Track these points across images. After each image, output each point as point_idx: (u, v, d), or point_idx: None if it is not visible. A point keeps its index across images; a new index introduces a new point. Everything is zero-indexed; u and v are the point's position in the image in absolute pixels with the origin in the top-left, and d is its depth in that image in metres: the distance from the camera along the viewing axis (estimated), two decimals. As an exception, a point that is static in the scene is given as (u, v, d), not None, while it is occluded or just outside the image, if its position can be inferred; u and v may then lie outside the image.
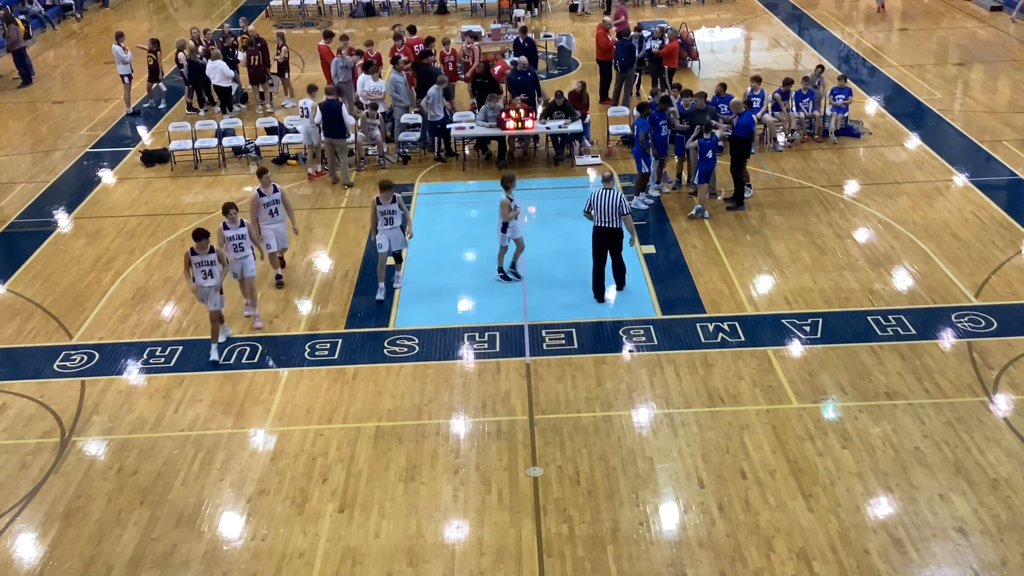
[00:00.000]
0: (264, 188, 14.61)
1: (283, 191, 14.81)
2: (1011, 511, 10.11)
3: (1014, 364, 12.58)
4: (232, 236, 13.48)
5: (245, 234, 13.55)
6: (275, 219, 14.72)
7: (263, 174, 14.73)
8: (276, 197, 14.68)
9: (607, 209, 13.89)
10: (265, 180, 14.61)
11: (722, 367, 12.73)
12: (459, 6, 32.54)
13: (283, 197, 14.77)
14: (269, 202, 14.62)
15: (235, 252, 13.52)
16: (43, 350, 13.77)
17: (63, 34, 31.66)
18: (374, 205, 14.29)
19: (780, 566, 9.54)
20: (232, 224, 13.50)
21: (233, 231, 13.50)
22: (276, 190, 14.69)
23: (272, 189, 14.65)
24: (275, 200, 14.66)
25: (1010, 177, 18.23)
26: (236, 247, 13.52)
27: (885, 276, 14.81)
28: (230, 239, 13.46)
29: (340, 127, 18.31)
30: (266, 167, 14.91)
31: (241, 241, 13.54)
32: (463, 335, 13.67)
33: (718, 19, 31.05)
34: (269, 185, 14.63)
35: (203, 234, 12.72)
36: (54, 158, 20.86)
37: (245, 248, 13.60)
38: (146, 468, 11.28)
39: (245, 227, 13.58)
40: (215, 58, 21.96)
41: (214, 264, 12.86)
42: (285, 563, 9.83)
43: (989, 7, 30.03)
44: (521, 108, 18.80)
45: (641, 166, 17.17)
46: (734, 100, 17.60)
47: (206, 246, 12.78)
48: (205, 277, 12.90)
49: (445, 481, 10.86)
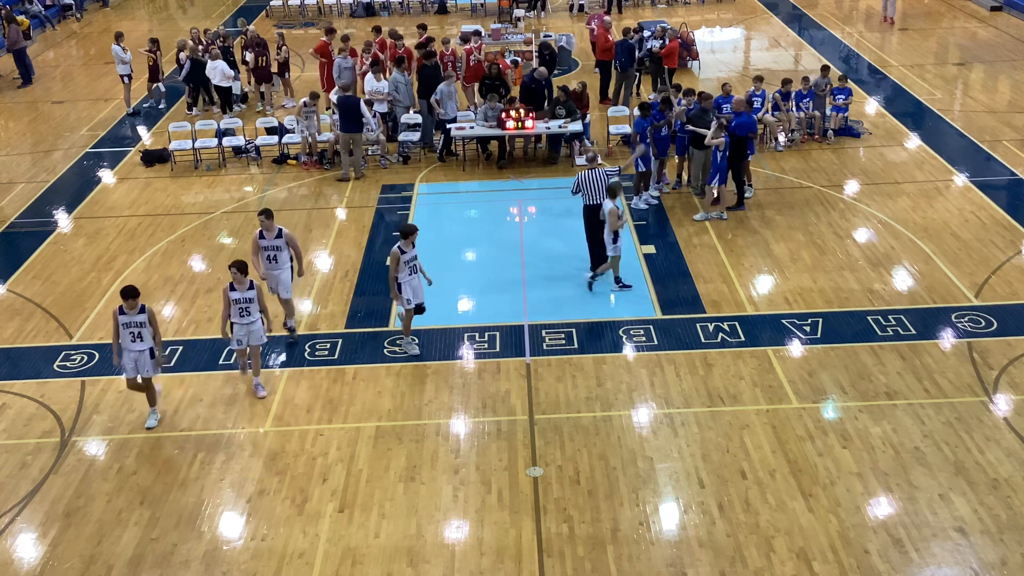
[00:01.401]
0: (267, 231, 13.07)
1: (288, 234, 13.20)
2: (1011, 511, 10.11)
3: (1014, 364, 12.58)
4: (239, 299, 11.89)
5: (254, 297, 11.93)
6: (274, 266, 13.18)
7: (265, 215, 13.10)
8: (278, 243, 13.08)
9: (595, 188, 14.52)
10: (267, 223, 13.04)
11: (722, 367, 12.73)
12: (459, 6, 32.55)
13: (288, 240, 13.16)
14: (269, 246, 13.10)
15: (240, 317, 11.96)
16: (43, 350, 13.77)
17: (63, 34, 31.66)
18: (396, 256, 12.56)
19: (780, 566, 9.54)
20: (240, 286, 11.85)
21: (240, 293, 11.87)
22: (280, 234, 13.09)
23: (276, 233, 13.07)
24: (275, 246, 13.07)
25: (1010, 177, 18.23)
26: (242, 311, 11.94)
27: (885, 276, 14.81)
28: (236, 302, 11.90)
29: (357, 121, 18.51)
30: (270, 208, 12.91)
31: (249, 305, 11.94)
32: (463, 335, 13.67)
33: (718, 19, 31.05)
34: (272, 228, 13.07)
35: (132, 292, 11.35)
36: (54, 158, 20.86)
37: (253, 313, 12.01)
38: (146, 468, 11.28)
39: (255, 289, 11.92)
40: (215, 58, 21.96)
41: (144, 326, 11.38)
42: (285, 563, 9.83)
43: (989, 7, 30.02)
44: (521, 108, 18.80)
45: (639, 165, 17.17)
46: (736, 99, 17.58)
47: (136, 305, 11.33)
48: (134, 340, 11.44)
49: (445, 481, 10.86)
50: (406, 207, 17.84)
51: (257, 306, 12.04)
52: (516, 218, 17.44)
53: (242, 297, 11.92)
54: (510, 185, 18.70)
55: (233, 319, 12.02)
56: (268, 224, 13.03)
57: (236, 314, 11.97)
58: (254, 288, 11.93)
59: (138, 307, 11.39)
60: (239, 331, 12.10)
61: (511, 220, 17.42)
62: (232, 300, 11.89)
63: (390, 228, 16.97)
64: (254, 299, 11.96)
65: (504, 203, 18.02)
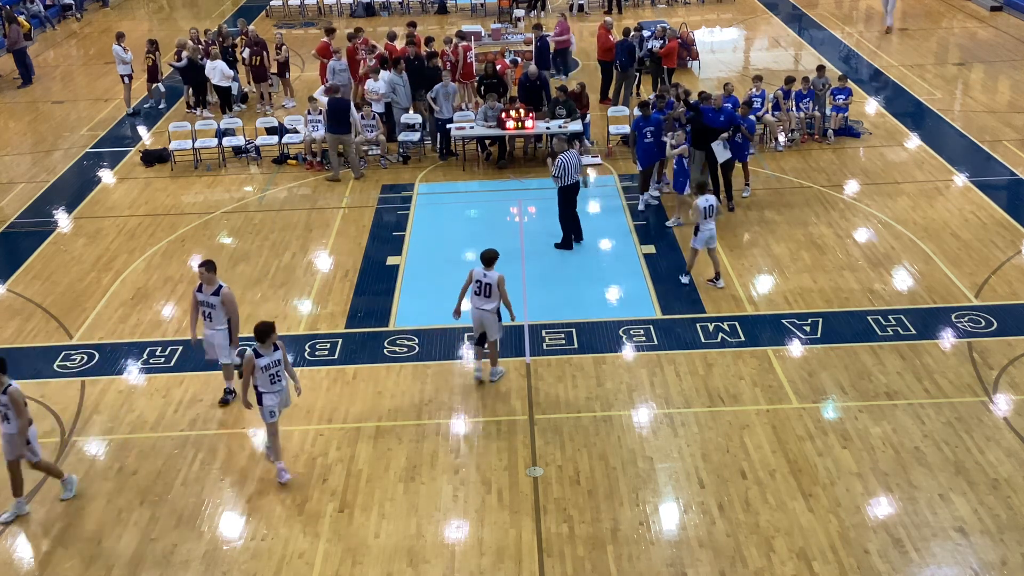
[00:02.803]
0: (205, 284, 11.72)
1: (226, 293, 11.77)
2: (1011, 511, 10.11)
3: (1014, 364, 12.58)
4: (267, 364, 10.54)
5: (280, 359, 10.67)
6: (209, 325, 11.81)
7: (206, 267, 11.70)
8: (213, 301, 11.72)
9: (573, 168, 15.41)
10: (206, 275, 11.70)
11: (722, 367, 12.73)
12: (459, 6, 32.55)
13: (224, 299, 11.74)
14: (204, 303, 11.80)
15: (272, 385, 10.60)
16: (43, 350, 13.76)
17: (63, 34, 31.65)
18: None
19: (780, 566, 9.54)
20: (265, 350, 10.55)
21: (267, 358, 10.54)
22: (218, 291, 11.72)
23: (214, 289, 11.71)
24: (210, 303, 11.75)
25: (1010, 177, 18.23)
26: (273, 378, 10.60)
27: (885, 276, 14.80)
28: (265, 368, 10.53)
29: (346, 124, 18.54)
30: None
31: (278, 369, 10.65)
32: (463, 335, 13.66)
33: (718, 19, 31.04)
34: (212, 283, 11.70)
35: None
36: (54, 158, 20.86)
37: (283, 378, 10.77)
38: (146, 468, 11.28)
39: (279, 351, 10.66)
40: (214, 58, 21.96)
41: (7, 407, 10.04)
42: (285, 563, 9.83)
43: (989, 7, 30.01)
44: (521, 108, 18.80)
45: (639, 164, 17.16)
46: (715, 95, 17.37)
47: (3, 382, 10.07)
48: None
49: (445, 481, 10.86)
50: (406, 207, 17.84)
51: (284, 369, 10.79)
52: (516, 218, 17.44)
53: (271, 361, 10.54)
54: (510, 185, 18.70)
55: (263, 388, 10.61)
56: (207, 277, 11.68)
57: (267, 382, 10.58)
58: (279, 350, 10.66)
59: (5, 385, 10.05)
60: (271, 400, 10.67)
61: (511, 220, 17.41)
62: (261, 367, 10.50)
63: (390, 228, 16.99)
64: (281, 361, 10.69)
65: (504, 203, 18.02)
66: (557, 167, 15.40)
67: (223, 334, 11.90)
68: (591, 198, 17.98)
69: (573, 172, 15.45)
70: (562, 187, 15.55)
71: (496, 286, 12.08)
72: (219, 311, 11.79)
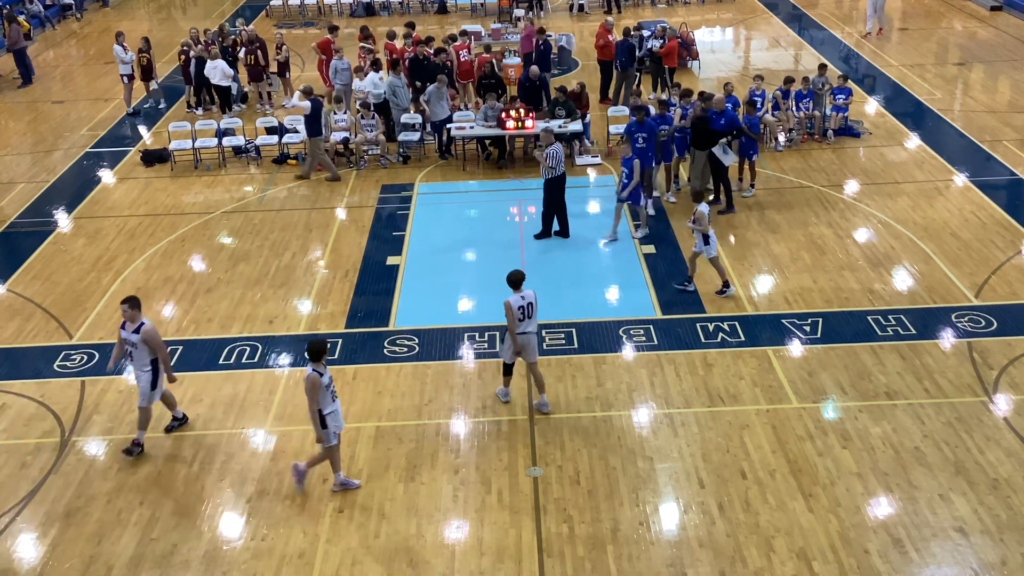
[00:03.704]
0: (129, 322, 11.18)
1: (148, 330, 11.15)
2: (1011, 511, 10.11)
3: (1014, 364, 12.58)
4: (328, 382, 10.32)
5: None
6: (336, 403, 10.59)
7: (129, 304, 11.13)
8: (134, 339, 11.17)
9: (560, 159, 15.76)
10: (129, 312, 11.15)
11: (722, 367, 12.73)
12: (459, 6, 32.56)
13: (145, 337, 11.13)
14: (127, 340, 11.25)
15: (332, 402, 10.36)
16: (43, 350, 13.76)
17: (63, 34, 31.66)
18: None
19: (780, 566, 9.54)
20: (323, 368, 10.24)
21: (327, 376, 10.31)
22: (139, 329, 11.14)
23: (136, 327, 11.15)
24: (131, 341, 11.20)
25: (1010, 177, 18.23)
26: (333, 395, 10.43)
27: (885, 276, 14.80)
28: (327, 386, 10.26)
29: (317, 125, 18.59)
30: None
31: (333, 386, 10.52)
32: (463, 335, 13.67)
33: (718, 19, 31.05)
34: (135, 319, 11.15)
35: None
36: (54, 158, 20.86)
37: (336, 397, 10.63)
38: (146, 468, 11.28)
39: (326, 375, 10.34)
40: (214, 58, 21.96)
41: None
42: (285, 563, 9.83)
43: (989, 7, 30.01)
44: (521, 108, 18.80)
45: (642, 165, 17.12)
46: (716, 97, 17.42)
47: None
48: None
49: (445, 481, 10.86)
50: (406, 207, 17.84)
51: None
52: (516, 218, 17.44)
53: (330, 379, 10.34)
54: (510, 185, 18.70)
55: (327, 409, 10.29)
56: (130, 314, 11.13)
57: (329, 400, 10.28)
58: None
59: None
60: (335, 422, 10.41)
61: (511, 220, 17.41)
62: (324, 386, 10.20)
63: (390, 228, 16.99)
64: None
65: (504, 203, 18.02)
66: (551, 158, 15.68)
67: (146, 376, 11.23)
68: (591, 198, 18.00)
69: (560, 164, 15.80)
70: (550, 179, 15.84)
71: (536, 303, 11.57)
72: (141, 351, 11.13)
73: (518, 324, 11.45)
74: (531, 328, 11.57)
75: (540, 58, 22.03)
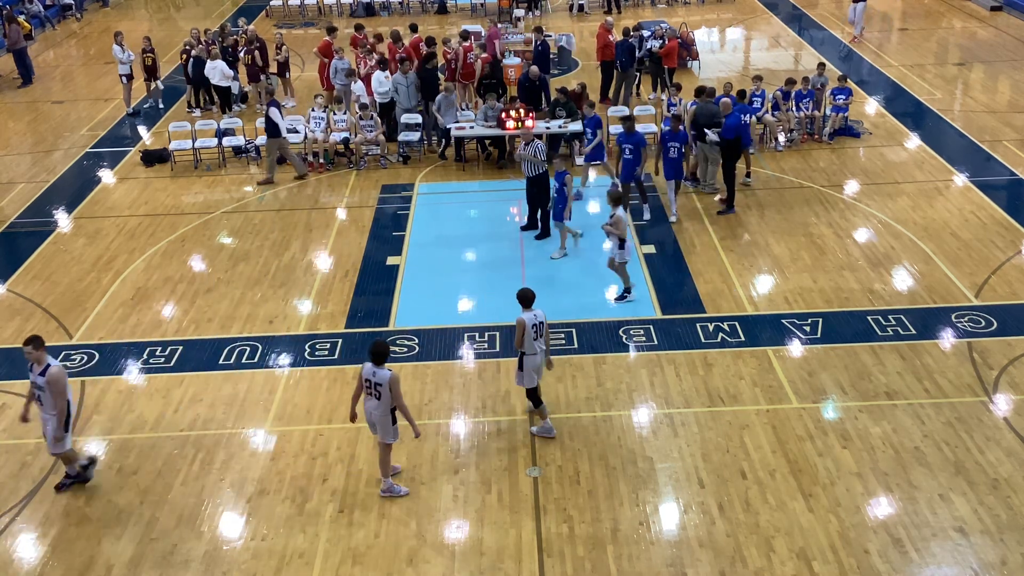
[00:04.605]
0: (35, 364, 10.36)
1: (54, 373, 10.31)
2: (1011, 511, 10.11)
3: (1014, 364, 12.58)
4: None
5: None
6: (42, 409, 10.52)
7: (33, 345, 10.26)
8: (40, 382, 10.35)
9: (541, 158, 15.94)
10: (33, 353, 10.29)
11: (722, 367, 12.73)
12: (459, 6, 32.56)
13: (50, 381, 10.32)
14: (34, 383, 10.50)
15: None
16: (43, 350, 13.75)
17: (63, 34, 31.66)
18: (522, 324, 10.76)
19: (780, 566, 9.54)
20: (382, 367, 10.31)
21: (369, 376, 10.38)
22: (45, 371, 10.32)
23: (42, 369, 10.34)
24: (38, 384, 10.38)
25: (1010, 177, 18.23)
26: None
27: (885, 276, 14.80)
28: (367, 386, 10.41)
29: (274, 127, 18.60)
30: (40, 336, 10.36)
31: None
32: (463, 335, 13.67)
33: (718, 19, 31.05)
34: (42, 362, 10.31)
35: None
36: (54, 158, 20.86)
37: None
38: (146, 468, 11.28)
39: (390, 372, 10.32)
40: (214, 58, 21.96)
41: None
42: (285, 563, 9.83)
43: (989, 7, 30.01)
44: (521, 108, 18.80)
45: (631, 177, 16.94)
46: (723, 101, 17.44)
47: None
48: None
49: (445, 481, 10.86)
50: (406, 207, 17.84)
51: None
52: (516, 218, 17.44)
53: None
54: (510, 185, 18.69)
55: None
56: (35, 355, 10.28)
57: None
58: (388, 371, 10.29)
59: None
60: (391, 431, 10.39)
61: (511, 220, 17.41)
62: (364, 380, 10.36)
63: (390, 228, 16.99)
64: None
65: (504, 203, 18.02)
66: (538, 150, 15.87)
67: (53, 421, 10.36)
68: (590, 198, 18.00)
69: (543, 159, 15.98)
70: (533, 176, 15.98)
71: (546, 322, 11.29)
72: (48, 395, 10.24)
73: (530, 344, 11.09)
74: (540, 348, 11.24)
75: (539, 58, 22.03)
